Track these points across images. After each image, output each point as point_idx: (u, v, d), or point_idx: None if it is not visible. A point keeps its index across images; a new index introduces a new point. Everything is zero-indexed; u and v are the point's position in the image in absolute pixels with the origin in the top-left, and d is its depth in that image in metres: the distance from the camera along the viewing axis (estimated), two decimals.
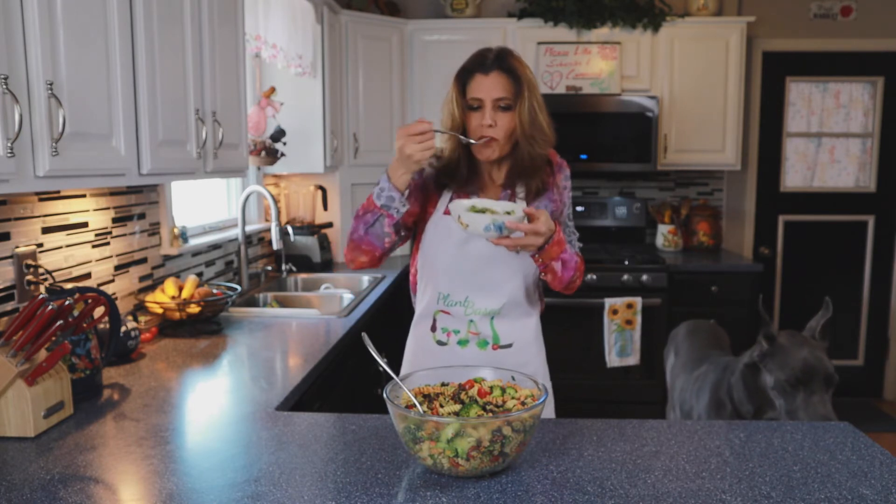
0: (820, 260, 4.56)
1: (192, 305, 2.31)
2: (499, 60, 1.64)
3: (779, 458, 1.32)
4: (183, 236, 2.66)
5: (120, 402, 1.67)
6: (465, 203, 1.56)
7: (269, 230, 3.50)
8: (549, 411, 1.85)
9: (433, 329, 1.78)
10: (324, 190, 3.75)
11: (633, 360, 3.75)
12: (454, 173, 1.73)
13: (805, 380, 1.84)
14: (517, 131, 1.65)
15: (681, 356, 2.60)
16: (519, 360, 1.75)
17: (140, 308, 2.34)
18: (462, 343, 1.75)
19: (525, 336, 1.78)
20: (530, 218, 1.55)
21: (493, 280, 1.71)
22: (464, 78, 1.67)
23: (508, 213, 1.54)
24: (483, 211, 1.54)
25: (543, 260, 1.63)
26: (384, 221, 1.63)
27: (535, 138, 1.66)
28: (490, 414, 1.24)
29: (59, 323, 1.47)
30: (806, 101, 4.46)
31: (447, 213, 1.71)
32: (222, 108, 2.20)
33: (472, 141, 1.65)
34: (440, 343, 1.77)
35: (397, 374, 1.35)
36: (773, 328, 2.00)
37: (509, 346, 1.76)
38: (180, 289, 2.38)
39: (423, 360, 1.78)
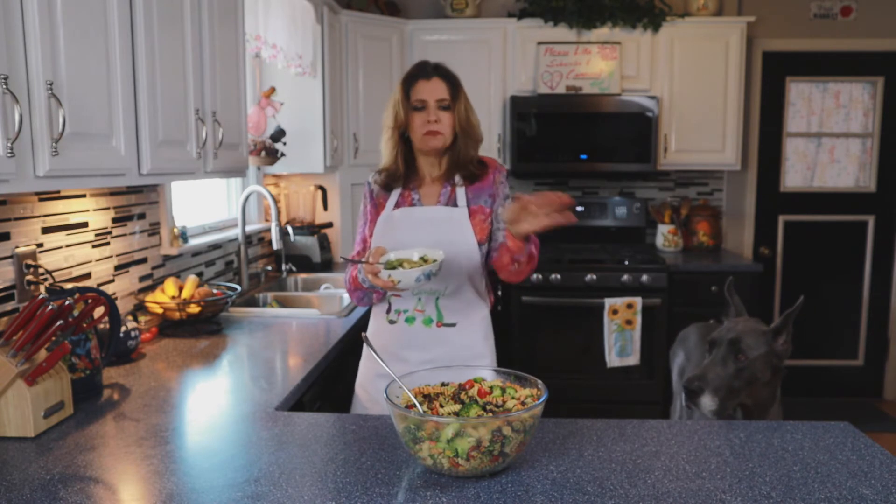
0: (820, 260, 4.56)
1: (192, 305, 2.31)
2: (437, 69, 1.93)
3: (779, 458, 1.32)
4: (183, 236, 2.66)
5: (120, 402, 1.67)
6: (381, 261, 1.72)
7: (269, 230, 3.50)
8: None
9: (388, 311, 1.96)
10: (324, 190, 3.75)
11: (633, 360, 3.75)
12: (395, 173, 1.97)
13: (711, 343, 1.83)
14: (457, 127, 1.90)
15: (692, 363, 2.59)
16: (464, 340, 1.92)
17: (140, 308, 2.34)
18: (409, 320, 1.92)
19: (470, 319, 1.94)
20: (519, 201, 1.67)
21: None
22: (408, 84, 1.92)
23: (424, 259, 1.74)
24: (400, 263, 1.73)
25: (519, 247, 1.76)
26: (372, 295, 1.93)
27: (470, 134, 1.92)
28: (490, 414, 1.24)
29: (59, 323, 1.47)
30: (806, 101, 4.46)
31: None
32: (222, 108, 2.20)
33: (360, 261, 1.82)
34: (391, 322, 1.94)
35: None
36: (733, 309, 1.96)
37: (453, 325, 1.92)
38: (180, 289, 2.38)
39: (378, 338, 1.94)
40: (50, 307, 1.46)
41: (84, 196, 2.11)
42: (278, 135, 3.31)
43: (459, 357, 1.89)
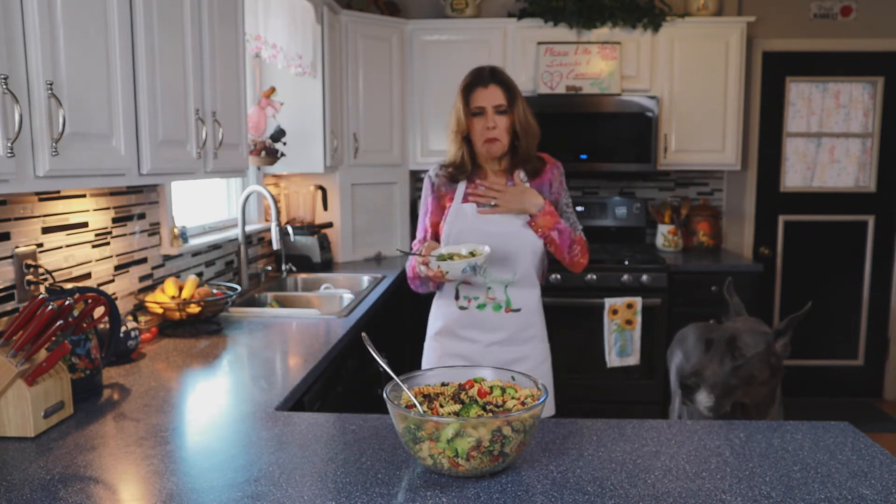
0: (820, 260, 4.56)
1: (192, 305, 2.31)
2: (493, 75, 2.09)
3: (779, 458, 1.32)
4: (183, 236, 2.66)
5: (120, 402, 1.67)
6: (434, 254, 1.94)
7: (269, 230, 3.50)
8: (545, 370, 2.18)
9: (456, 297, 2.12)
10: (324, 190, 3.75)
11: (633, 360, 3.75)
12: (462, 167, 2.13)
13: (709, 342, 1.83)
14: (517, 128, 2.06)
15: (691, 363, 2.59)
16: (524, 321, 2.12)
17: (140, 308, 2.34)
18: (481, 307, 2.10)
19: (530, 303, 2.13)
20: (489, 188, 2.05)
21: (508, 254, 2.05)
22: (467, 92, 2.08)
23: (473, 253, 1.93)
24: (451, 256, 1.93)
25: (541, 229, 2.03)
26: (429, 282, 2.10)
27: (529, 133, 2.09)
28: (490, 414, 1.24)
29: (59, 323, 1.47)
30: (806, 101, 4.46)
31: (468, 201, 2.13)
32: (222, 108, 2.20)
33: (415, 253, 2.04)
34: (462, 308, 2.12)
35: (398, 373, 1.36)
36: (732, 309, 1.97)
37: (518, 310, 2.11)
38: (180, 289, 2.38)
39: (448, 321, 2.14)
40: (50, 307, 1.46)
41: (84, 196, 2.11)
42: (278, 135, 3.31)
43: (520, 336, 2.11)
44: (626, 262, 3.82)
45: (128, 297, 2.35)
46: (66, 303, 1.54)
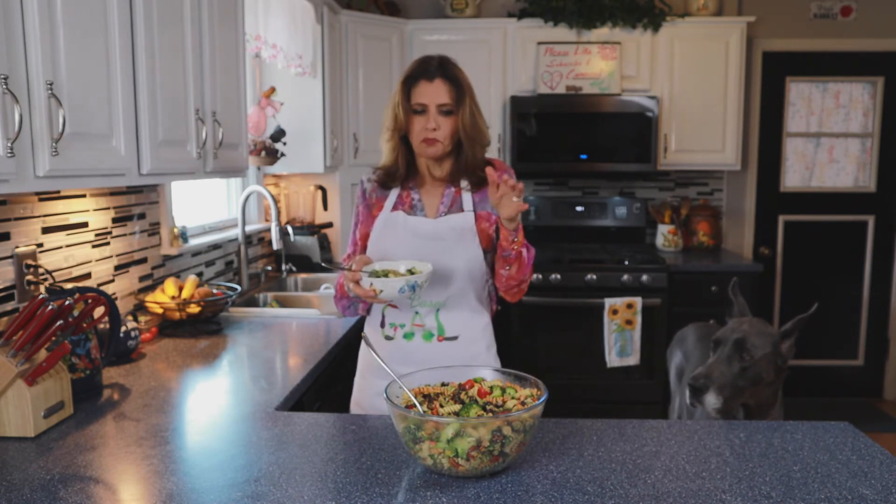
0: (820, 260, 4.56)
1: (192, 305, 2.31)
2: (441, 68, 1.76)
3: (779, 458, 1.32)
4: (183, 236, 2.66)
5: (120, 402, 1.67)
6: (366, 270, 1.65)
7: (269, 230, 3.50)
8: None
9: (382, 325, 1.84)
10: (324, 190, 3.75)
11: (633, 360, 3.75)
12: (395, 172, 1.85)
13: (716, 342, 1.83)
14: (461, 133, 1.76)
15: (691, 363, 2.59)
16: (467, 352, 1.80)
17: (140, 308, 2.34)
18: (408, 336, 1.81)
19: (472, 331, 1.82)
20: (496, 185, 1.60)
21: (439, 272, 1.75)
22: (409, 84, 1.78)
23: (412, 271, 1.66)
24: (386, 273, 1.65)
25: (517, 244, 1.69)
26: (358, 305, 1.85)
27: (476, 139, 1.78)
28: (490, 414, 1.24)
29: (59, 323, 1.47)
30: (806, 101, 4.46)
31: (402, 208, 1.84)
32: (222, 108, 2.20)
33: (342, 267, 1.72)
34: (388, 338, 1.82)
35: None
36: (736, 309, 1.96)
37: (455, 338, 1.80)
38: (180, 289, 2.38)
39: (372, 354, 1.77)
40: (50, 307, 1.46)
41: (84, 196, 2.11)
42: (278, 135, 3.31)
43: None
44: (626, 262, 3.82)
45: (128, 297, 2.35)
46: (66, 303, 1.54)
